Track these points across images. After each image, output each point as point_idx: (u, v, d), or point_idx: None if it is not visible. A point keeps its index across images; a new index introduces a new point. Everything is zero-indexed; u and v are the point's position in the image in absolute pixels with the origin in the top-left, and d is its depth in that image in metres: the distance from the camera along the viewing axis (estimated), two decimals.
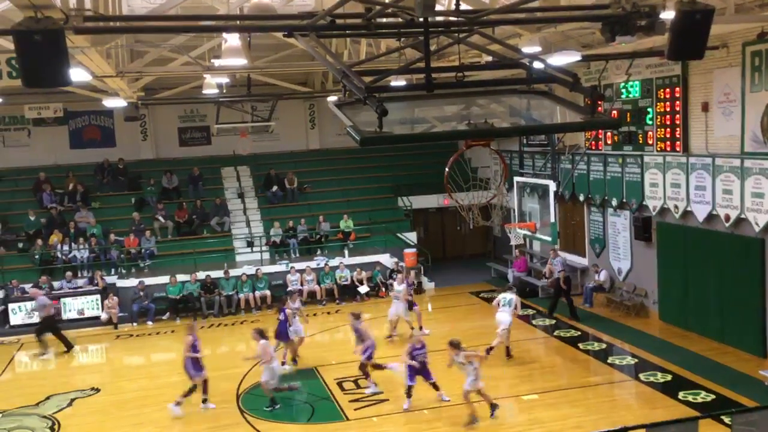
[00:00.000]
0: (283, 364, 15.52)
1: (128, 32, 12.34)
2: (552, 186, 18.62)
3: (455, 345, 12.33)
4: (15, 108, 23.01)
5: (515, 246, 22.50)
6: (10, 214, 23.24)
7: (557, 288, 18.94)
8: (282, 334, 15.75)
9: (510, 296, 15.62)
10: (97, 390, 15.17)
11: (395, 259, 22.44)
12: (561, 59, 13.02)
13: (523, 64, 6.47)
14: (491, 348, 15.20)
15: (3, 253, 21.85)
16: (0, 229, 22.48)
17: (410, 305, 17.64)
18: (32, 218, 22.78)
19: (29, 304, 20.05)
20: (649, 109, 17.02)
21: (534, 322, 18.60)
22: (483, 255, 25.39)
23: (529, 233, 19.94)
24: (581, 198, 20.15)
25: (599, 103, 5.30)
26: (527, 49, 11.82)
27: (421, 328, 17.47)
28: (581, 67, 18.23)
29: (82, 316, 20.39)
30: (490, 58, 8.49)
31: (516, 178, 20.71)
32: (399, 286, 17.52)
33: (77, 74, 11.22)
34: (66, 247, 21.95)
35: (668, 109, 16.47)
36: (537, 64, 6.40)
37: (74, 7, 7.94)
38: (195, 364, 13.85)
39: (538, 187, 19.51)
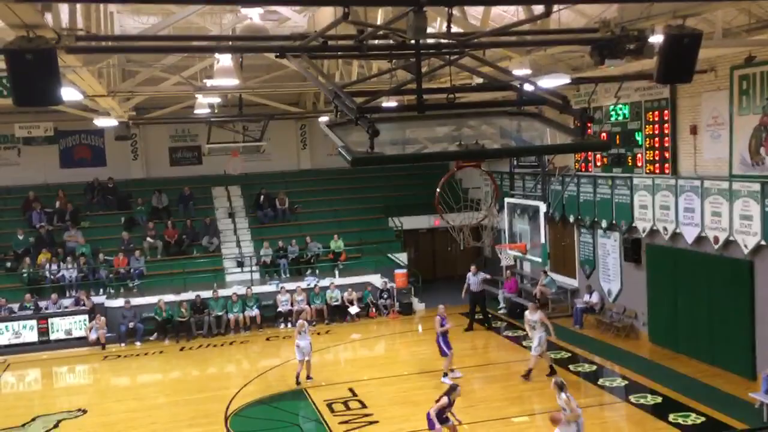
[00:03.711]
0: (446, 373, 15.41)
1: (120, 52, 12.40)
2: (542, 207, 18.72)
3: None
4: (5, 127, 22.95)
5: (506, 267, 22.52)
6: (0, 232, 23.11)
7: (482, 301, 19.90)
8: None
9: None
10: (84, 411, 14.99)
11: (385, 280, 22.42)
12: (551, 82, 13.12)
13: (513, 86, 6.52)
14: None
15: None
16: None
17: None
18: (21, 237, 22.62)
19: (16, 324, 19.91)
20: (638, 132, 17.16)
21: (524, 343, 18.54)
22: None
23: (519, 254, 19.99)
24: (571, 219, 20.22)
25: (588, 125, 5.34)
26: (517, 72, 11.91)
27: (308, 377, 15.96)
28: (571, 90, 18.39)
29: (69, 336, 20.18)
30: (480, 80, 8.55)
31: (506, 199, 20.81)
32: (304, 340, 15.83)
33: (68, 93, 11.23)
34: (55, 267, 21.80)
35: (657, 132, 16.61)
36: (527, 87, 6.45)
37: (66, 26, 7.96)
38: None
39: (528, 208, 19.60)
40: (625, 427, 13.09)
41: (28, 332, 19.97)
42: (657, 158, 16.63)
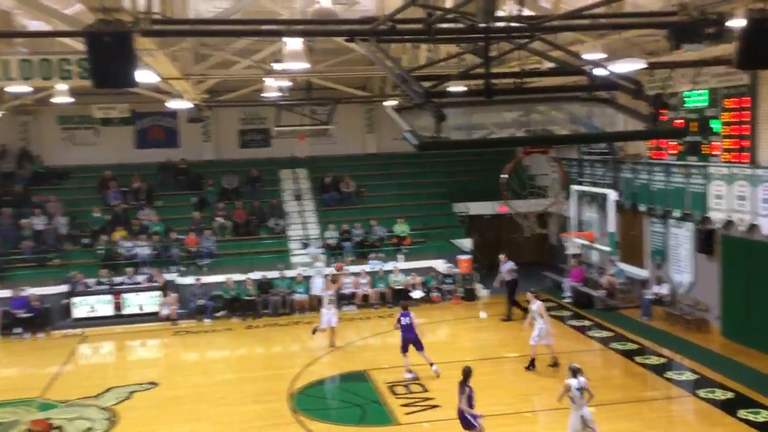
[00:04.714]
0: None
1: (194, 35, 12.65)
2: (612, 195, 18.30)
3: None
4: (84, 108, 23.76)
5: (572, 255, 22.15)
6: (77, 210, 24.00)
7: (510, 289, 19.58)
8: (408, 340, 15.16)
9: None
10: (155, 384, 15.52)
11: (449, 265, 22.38)
12: (624, 66, 12.79)
13: (584, 71, 6.38)
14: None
15: (69, 248, 22.59)
16: (67, 224, 23.25)
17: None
18: (97, 215, 23.49)
19: (93, 299, 20.72)
20: (715, 120, 16.57)
21: (589, 333, 18.26)
22: (538, 263, 25.04)
23: (586, 243, 19.63)
24: (642, 208, 19.72)
25: (663, 111, 5.21)
26: (589, 56, 11.65)
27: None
28: (645, 75, 17.85)
29: (142, 312, 20.92)
30: (551, 65, 8.40)
31: (575, 187, 20.43)
32: (327, 292, 17.80)
33: (144, 76, 11.54)
34: (129, 244, 22.56)
35: (735, 120, 15.99)
36: (599, 71, 6.31)
37: (143, 10, 8.17)
38: None
39: (597, 196, 19.20)
40: (693, 422, 12.77)
41: (104, 306, 20.77)
42: (734, 147, 16.03)
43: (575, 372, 10.77)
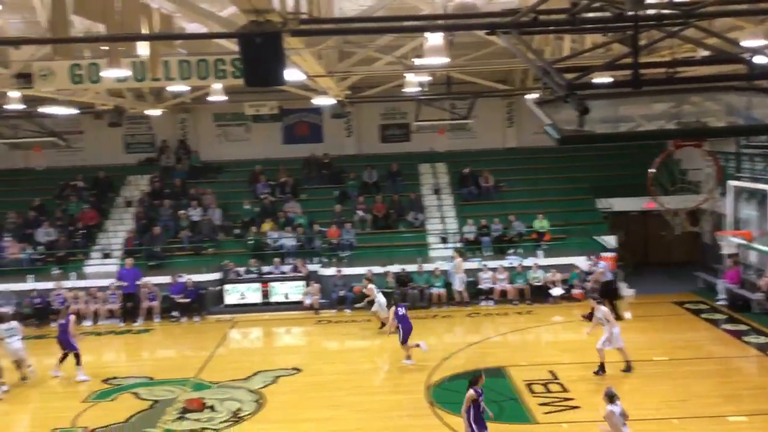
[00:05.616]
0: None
1: (339, 34, 13.03)
2: None
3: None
4: (236, 105, 25.08)
5: (728, 255, 20.80)
6: (229, 202, 25.40)
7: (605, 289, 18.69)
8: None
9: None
10: (299, 370, 16.16)
11: (590, 261, 21.69)
12: None
13: (743, 59, 5.99)
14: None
15: (222, 238, 23.96)
16: (220, 216, 24.68)
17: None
18: (247, 207, 24.75)
19: (243, 286, 21.85)
20: None
21: (745, 338, 17.10)
22: (689, 263, 23.73)
23: (744, 242, 18.42)
24: None
25: None
26: (749, 43, 10.91)
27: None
28: None
29: (286, 300, 21.83)
30: (706, 53, 7.94)
31: (731, 182, 19.22)
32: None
33: (292, 74, 12.01)
34: (276, 235, 23.60)
35: None
36: (760, 59, 5.90)
37: (291, 11, 8.51)
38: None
39: (757, 192, 17.95)
40: None
41: (252, 294, 21.85)
42: None
43: (612, 397, 10.02)
